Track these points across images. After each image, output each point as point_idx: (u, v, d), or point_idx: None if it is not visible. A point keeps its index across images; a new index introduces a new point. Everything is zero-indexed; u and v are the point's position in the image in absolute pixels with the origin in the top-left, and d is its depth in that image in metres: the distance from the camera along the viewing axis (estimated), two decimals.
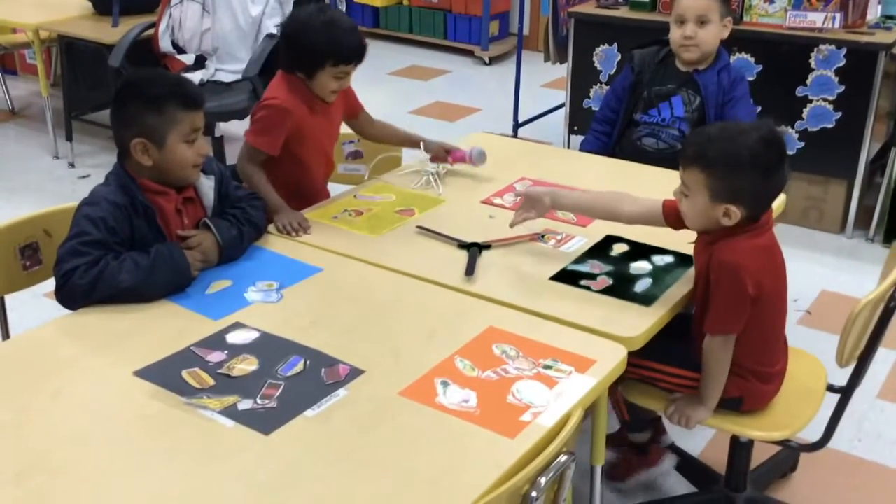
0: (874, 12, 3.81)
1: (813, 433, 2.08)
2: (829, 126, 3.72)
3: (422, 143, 2.60)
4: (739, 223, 1.88)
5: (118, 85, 2.04)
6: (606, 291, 1.96)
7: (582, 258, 2.10)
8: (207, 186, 2.09)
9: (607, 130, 2.94)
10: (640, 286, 1.98)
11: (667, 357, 2.03)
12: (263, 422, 1.52)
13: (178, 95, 1.96)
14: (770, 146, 1.85)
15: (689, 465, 2.42)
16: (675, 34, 2.77)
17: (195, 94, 2.01)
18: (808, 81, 3.70)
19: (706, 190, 1.86)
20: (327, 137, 2.53)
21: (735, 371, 1.96)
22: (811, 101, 3.72)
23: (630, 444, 2.37)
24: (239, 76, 4.13)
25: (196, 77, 4.08)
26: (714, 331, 1.92)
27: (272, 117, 2.37)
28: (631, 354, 1.79)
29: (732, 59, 3.79)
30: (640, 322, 1.84)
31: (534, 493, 1.39)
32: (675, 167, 1.99)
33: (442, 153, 2.59)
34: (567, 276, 2.02)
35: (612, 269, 2.05)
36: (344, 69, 2.35)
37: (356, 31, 2.39)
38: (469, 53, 6.65)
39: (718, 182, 1.85)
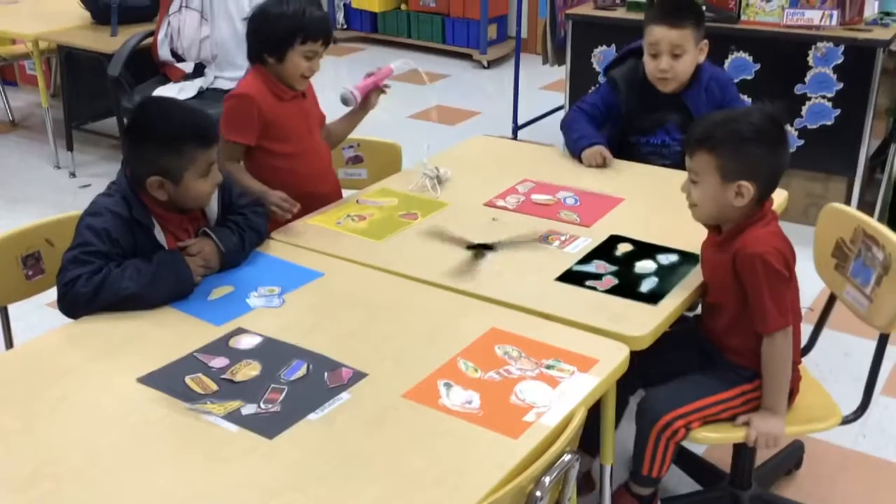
0: (871, 9, 3.81)
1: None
2: (829, 123, 3.72)
3: (352, 104, 2.59)
4: (748, 213, 1.90)
5: (132, 115, 2.03)
6: (612, 291, 1.96)
7: (587, 258, 2.11)
8: (212, 199, 2.09)
9: (593, 120, 2.80)
10: (646, 285, 1.98)
11: (703, 389, 2.00)
12: (267, 426, 1.53)
13: (195, 136, 1.96)
14: (773, 122, 1.91)
15: (693, 464, 2.42)
16: (649, 66, 2.65)
17: (210, 129, 2.01)
18: (807, 79, 3.71)
19: (716, 172, 1.88)
20: (305, 128, 2.52)
21: None
22: (810, 99, 3.72)
23: (632, 494, 2.15)
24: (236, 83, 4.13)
25: (195, 85, 4.09)
26: (774, 327, 1.88)
27: (237, 107, 2.41)
28: (673, 405, 1.87)
29: (731, 58, 3.80)
30: (647, 321, 1.85)
31: (538, 493, 1.40)
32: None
33: (367, 88, 2.59)
34: (572, 277, 2.02)
35: (618, 268, 2.06)
36: (312, 47, 2.38)
37: (321, 9, 2.44)
38: (468, 57, 6.66)
39: (727, 161, 1.87)
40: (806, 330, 2.10)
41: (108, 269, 1.86)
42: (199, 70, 4.23)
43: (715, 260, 1.97)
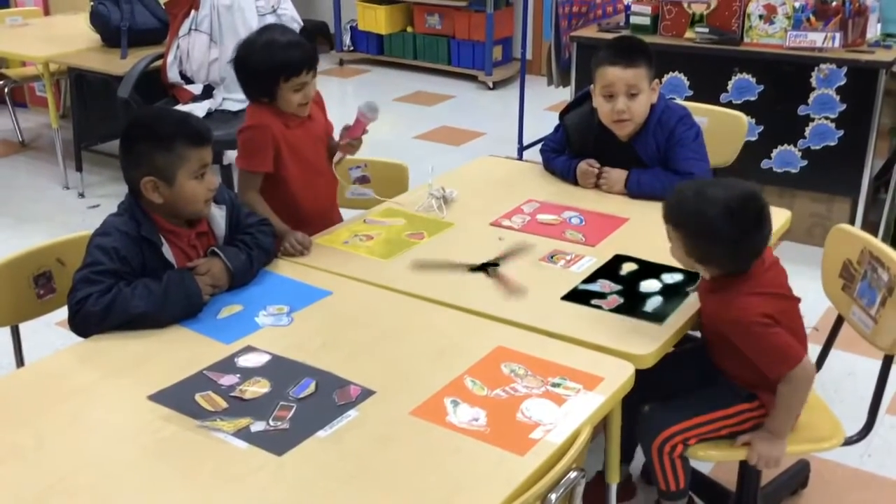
0: (874, 31, 3.85)
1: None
2: (832, 144, 3.75)
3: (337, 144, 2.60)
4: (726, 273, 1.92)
5: (126, 124, 2.07)
6: (617, 310, 1.98)
7: (592, 278, 2.12)
8: (219, 216, 2.12)
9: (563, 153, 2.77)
10: (651, 304, 2.00)
11: (700, 406, 2.01)
12: (276, 443, 1.54)
13: (185, 133, 1.99)
14: (738, 214, 1.85)
15: (700, 484, 2.42)
16: (604, 108, 2.55)
17: (202, 129, 2.04)
18: (810, 100, 3.73)
19: (682, 246, 1.93)
20: (312, 151, 2.55)
21: None
22: (813, 120, 3.75)
23: None
24: (246, 104, 4.16)
25: (204, 106, 4.13)
26: (786, 370, 1.88)
27: (254, 138, 2.44)
28: (670, 421, 1.90)
29: (734, 79, 3.84)
30: (652, 339, 1.86)
31: None
32: None
33: (344, 139, 2.58)
34: (578, 296, 2.04)
35: (622, 288, 2.07)
36: (297, 81, 2.40)
37: (296, 41, 2.44)
38: (473, 78, 6.72)
39: (690, 242, 1.91)
40: (813, 350, 2.11)
41: (119, 288, 1.88)
42: (208, 92, 4.28)
43: (709, 304, 1.98)
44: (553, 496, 1.43)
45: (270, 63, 2.37)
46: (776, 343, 1.87)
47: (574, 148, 2.70)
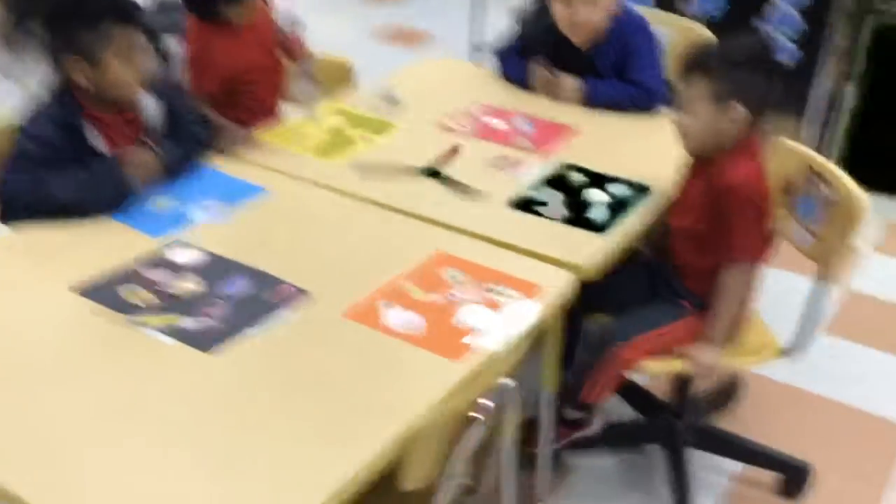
0: None
1: None
2: (789, 61, 3.70)
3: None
4: (737, 142, 1.90)
5: (51, 3, 1.94)
6: (562, 220, 1.95)
7: (539, 186, 2.08)
8: (152, 105, 2.02)
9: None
10: (597, 215, 1.97)
11: (653, 321, 2.01)
12: (205, 340, 1.50)
13: (112, 10, 1.87)
14: (763, 50, 1.97)
15: (633, 393, 2.45)
16: (560, 13, 2.45)
17: (130, 7, 1.92)
18: (771, 15, 3.68)
19: (709, 94, 1.89)
20: (263, 57, 2.47)
21: None
22: (759, 33, 3.68)
23: (561, 420, 2.13)
24: None
25: None
26: (734, 258, 1.90)
27: (198, 66, 2.37)
28: (625, 336, 1.92)
29: None
30: (596, 251, 1.84)
31: (476, 416, 1.40)
32: None
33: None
34: (523, 204, 2.00)
35: (568, 197, 2.04)
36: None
37: None
38: None
39: (720, 82, 1.88)
40: None
41: (45, 175, 1.80)
42: None
43: (691, 182, 1.98)
44: (488, 402, 1.41)
45: None
46: (753, 224, 1.87)
47: (530, 53, 2.62)
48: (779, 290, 2.40)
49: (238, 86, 2.42)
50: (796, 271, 2.19)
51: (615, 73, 2.52)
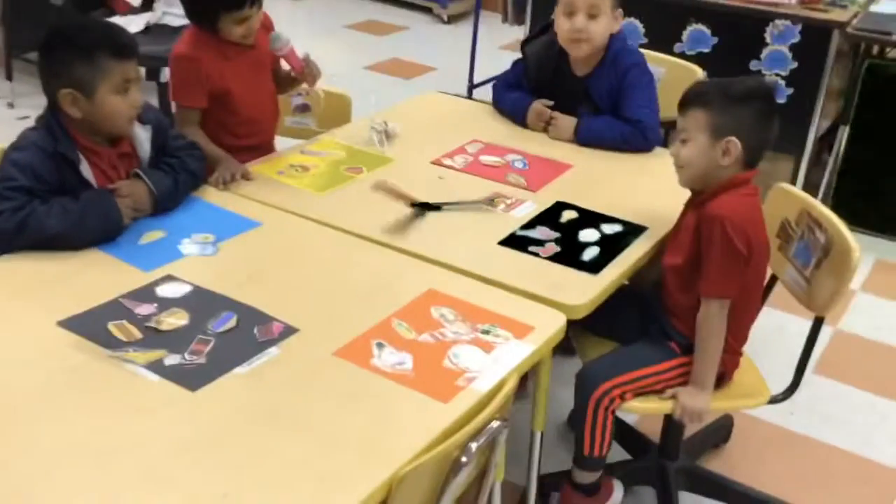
0: None
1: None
2: (781, 102, 3.72)
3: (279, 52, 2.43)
4: (731, 177, 1.91)
5: (46, 33, 1.93)
6: (554, 258, 1.94)
7: (531, 224, 2.08)
8: (144, 137, 2.01)
9: (519, 89, 2.69)
10: (588, 254, 1.96)
11: (640, 360, 1.99)
12: (190, 378, 1.48)
13: (108, 44, 1.86)
14: (764, 90, 2.00)
15: (624, 434, 2.43)
16: (563, 26, 2.50)
17: (127, 42, 1.91)
18: (763, 56, 3.70)
19: (707, 127, 1.91)
20: (254, 79, 2.44)
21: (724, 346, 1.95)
22: (764, 76, 3.72)
23: (574, 485, 2.09)
24: (186, 20, 4.00)
25: (142, 20, 3.96)
26: (711, 293, 1.90)
27: (182, 70, 2.33)
28: (609, 374, 1.90)
29: (689, 29, 3.78)
30: (586, 290, 1.82)
31: (464, 459, 1.38)
32: None
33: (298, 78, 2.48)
34: (515, 242, 1.99)
35: (561, 235, 2.03)
36: (239, 14, 2.27)
37: None
38: (428, 10, 6.55)
39: (718, 117, 1.90)
40: None
41: (33, 206, 1.78)
42: (149, 4, 4.09)
43: (685, 218, 1.98)
44: (473, 445, 1.39)
45: None
46: (731, 261, 1.86)
47: (530, 77, 2.64)
48: (770, 328, 2.39)
49: (225, 107, 2.38)
50: (784, 310, 2.19)
51: (609, 101, 2.53)
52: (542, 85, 2.63)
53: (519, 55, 2.70)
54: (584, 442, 2.00)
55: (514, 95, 2.68)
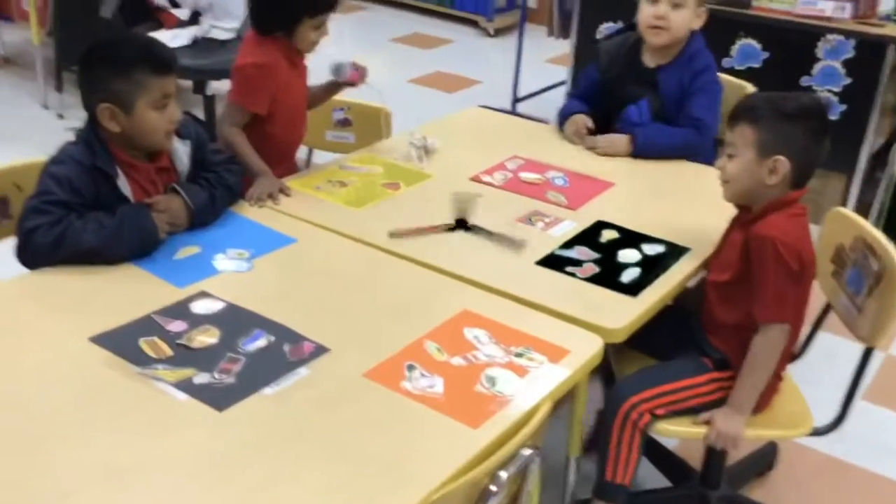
0: (886, 4, 3.71)
1: None
2: (834, 118, 3.63)
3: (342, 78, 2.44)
4: (778, 195, 1.86)
5: (86, 48, 1.94)
6: (593, 279, 1.89)
7: (569, 243, 2.03)
8: (182, 152, 2.01)
9: (587, 102, 2.70)
10: (628, 276, 1.91)
11: (671, 374, 1.94)
12: (218, 398, 1.46)
13: (147, 60, 1.87)
14: (816, 108, 1.91)
15: (664, 459, 2.37)
16: (645, 12, 2.52)
17: (165, 58, 1.92)
18: (814, 71, 3.62)
19: (754, 144, 1.86)
20: (298, 93, 2.45)
21: None
22: (816, 92, 3.63)
23: None
24: (234, 34, 4.04)
25: (189, 33, 3.99)
26: (769, 318, 1.83)
27: (257, 76, 2.30)
28: (638, 388, 1.85)
29: (738, 44, 3.71)
30: (624, 313, 1.78)
31: (493, 487, 1.34)
32: None
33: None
34: (553, 262, 1.95)
35: (600, 256, 1.98)
36: (322, 18, 2.30)
37: None
38: (473, 24, 6.54)
39: (766, 134, 1.85)
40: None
41: (69, 220, 1.78)
42: (195, 18, 4.12)
43: (731, 235, 1.94)
44: (503, 474, 1.35)
45: None
46: (785, 283, 1.81)
47: (603, 68, 2.65)
48: (820, 353, 2.31)
49: (265, 120, 2.37)
50: (837, 333, 2.11)
51: (677, 96, 2.53)
52: (612, 75, 2.63)
53: (564, 68, 2.69)
54: (606, 463, 1.93)
55: (570, 103, 2.69)
